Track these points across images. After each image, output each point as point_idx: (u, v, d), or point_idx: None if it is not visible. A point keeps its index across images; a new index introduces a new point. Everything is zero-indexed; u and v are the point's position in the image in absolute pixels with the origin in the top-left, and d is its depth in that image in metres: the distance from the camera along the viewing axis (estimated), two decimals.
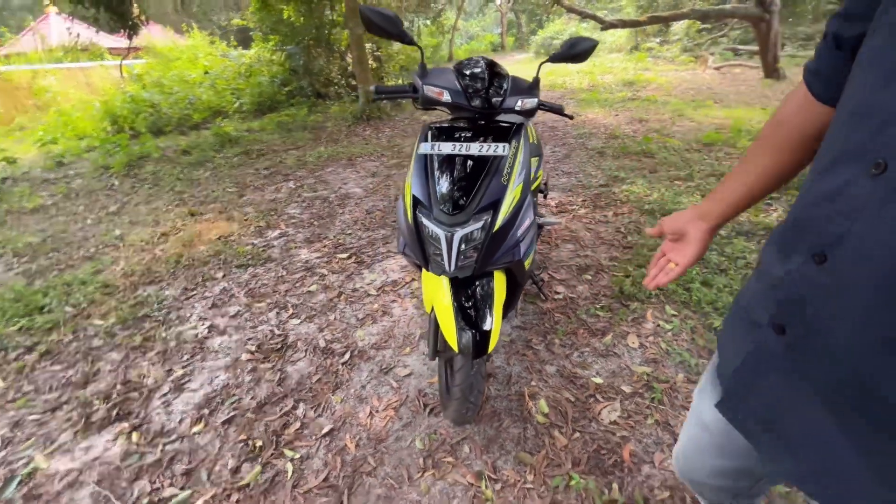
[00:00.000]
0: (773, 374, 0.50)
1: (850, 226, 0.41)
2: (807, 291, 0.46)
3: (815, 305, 0.45)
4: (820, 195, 0.46)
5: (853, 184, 0.41)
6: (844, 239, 0.41)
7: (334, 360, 1.91)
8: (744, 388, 0.55)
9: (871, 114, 0.41)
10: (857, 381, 0.41)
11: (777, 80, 7.49)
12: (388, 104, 7.07)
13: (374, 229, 3.14)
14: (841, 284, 0.42)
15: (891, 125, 0.38)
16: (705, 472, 0.77)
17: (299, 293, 2.42)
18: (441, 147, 1.35)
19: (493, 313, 1.30)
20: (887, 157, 0.38)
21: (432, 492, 1.34)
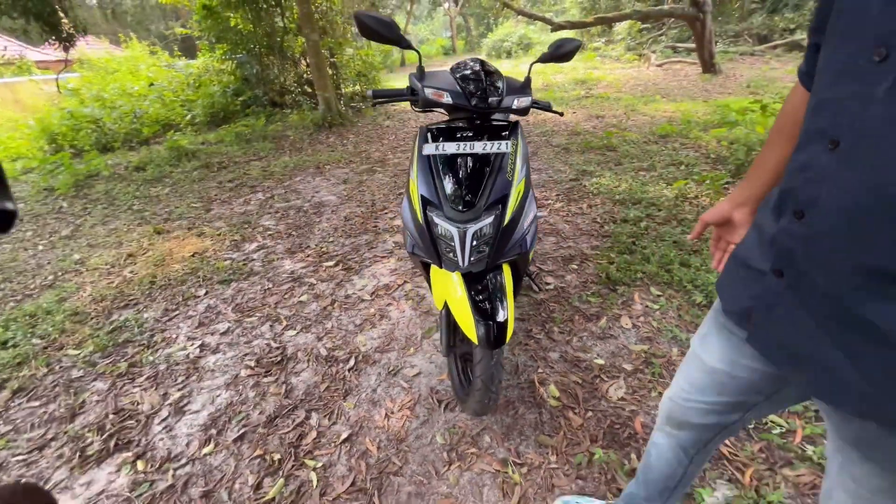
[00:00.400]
0: (781, 308, 0.61)
1: (817, 190, 0.53)
2: (793, 243, 0.58)
3: (801, 253, 0.57)
4: (796, 168, 0.59)
5: (816, 158, 0.54)
6: (814, 200, 0.54)
7: (339, 367, 1.90)
8: (764, 323, 0.65)
9: (826, 105, 0.53)
10: (839, 306, 0.53)
11: (714, 74, 8.07)
12: (351, 111, 7.00)
13: (357, 235, 3.13)
14: (815, 235, 0.54)
15: (839, 114, 0.51)
16: (701, 411, 0.85)
17: (290, 304, 2.37)
18: (445, 147, 1.39)
19: (507, 304, 1.35)
20: (839, 136, 0.50)
21: (461, 483, 1.37)
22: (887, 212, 0.46)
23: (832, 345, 0.54)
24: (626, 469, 1.34)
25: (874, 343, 0.50)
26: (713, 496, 1.23)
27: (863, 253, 0.49)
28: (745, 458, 1.32)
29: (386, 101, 1.54)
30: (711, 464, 1.32)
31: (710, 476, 1.29)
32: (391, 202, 3.69)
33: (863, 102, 0.48)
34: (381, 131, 6.41)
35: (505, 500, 1.30)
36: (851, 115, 0.49)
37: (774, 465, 1.29)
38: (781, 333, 0.62)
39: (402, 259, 2.74)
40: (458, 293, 1.37)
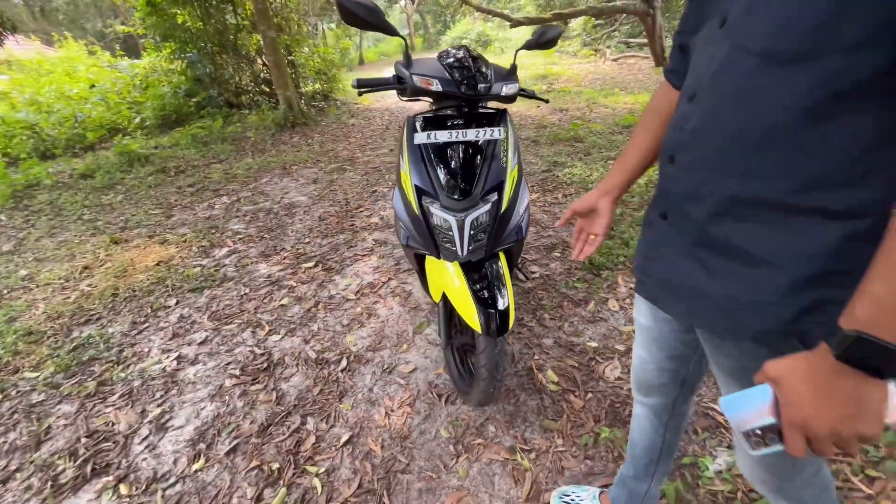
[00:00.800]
0: (665, 248, 0.68)
1: (681, 135, 0.63)
2: (670, 184, 0.66)
3: (674, 192, 0.65)
4: (671, 122, 0.68)
5: (681, 110, 0.64)
6: (679, 144, 0.64)
7: (331, 369, 1.83)
8: (649, 267, 0.73)
9: (693, 69, 0.65)
10: (705, 232, 0.60)
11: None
12: (313, 110, 6.81)
13: (334, 235, 3.04)
14: (682, 173, 0.63)
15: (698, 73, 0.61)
16: (656, 371, 0.90)
17: (271, 308, 2.27)
18: (437, 135, 1.36)
19: (507, 291, 1.34)
20: (696, 90, 0.61)
21: (472, 474, 1.35)
22: (726, 145, 0.56)
23: (701, 269, 0.61)
24: None
25: (730, 260, 0.58)
26: (715, 463, 1.27)
27: (715, 181, 0.58)
28: None
29: (372, 89, 1.50)
30: (710, 433, 1.37)
31: (710, 444, 1.34)
32: (365, 200, 3.62)
33: (711, 60, 0.57)
34: (347, 130, 6.27)
35: (517, 488, 1.30)
36: (704, 71, 0.59)
37: None
38: (664, 270, 0.69)
39: (385, 256, 2.69)
40: (457, 283, 1.35)
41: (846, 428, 0.44)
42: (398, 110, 7.45)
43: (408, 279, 2.42)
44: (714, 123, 0.57)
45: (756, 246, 0.55)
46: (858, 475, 1.19)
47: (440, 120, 1.46)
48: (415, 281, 2.39)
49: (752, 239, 0.55)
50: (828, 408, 0.44)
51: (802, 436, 0.46)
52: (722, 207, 0.57)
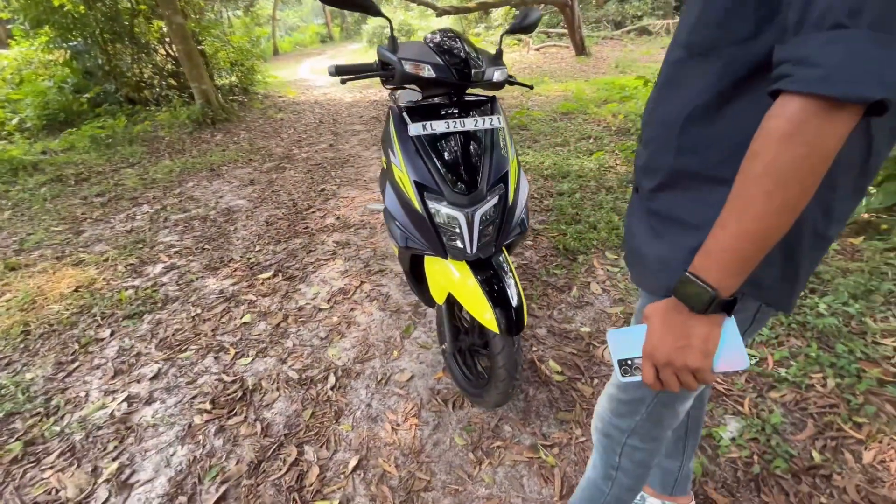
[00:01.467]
0: (632, 217, 0.73)
1: (645, 115, 0.68)
2: (637, 159, 0.72)
3: (638, 166, 0.70)
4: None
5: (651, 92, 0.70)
6: (643, 123, 0.69)
7: (318, 388, 1.67)
8: (627, 237, 0.76)
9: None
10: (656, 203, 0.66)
11: (587, 56, 8.88)
12: (235, 105, 6.23)
13: (287, 240, 2.79)
14: (641, 149, 0.69)
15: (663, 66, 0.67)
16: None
17: (232, 328, 2.03)
18: (434, 126, 1.26)
19: (517, 287, 1.29)
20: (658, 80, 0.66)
21: (498, 479, 1.30)
22: (666, 123, 0.61)
23: (650, 235, 0.67)
24: None
25: (671, 226, 0.63)
26: (727, 431, 1.34)
27: (661, 156, 0.63)
28: (738, 391, 1.46)
29: (354, 77, 1.35)
30: (715, 403, 1.44)
31: (717, 414, 1.41)
32: (314, 200, 3.37)
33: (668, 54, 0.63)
34: (277, 125, 5.83)
35: (548, 486, 1.27)
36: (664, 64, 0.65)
37: (762, 391, 1.46)
38: (630, 238, 0.73)
39: (350, 259, 2.51)
40: (469, 282, 1.27)
41: (678, 358, 0.53)
42: (328, 103, 7.08)
43: (382, 281, 2.28)
44: (659, 105, 0.64)
45: (691, 214, 0.60)
46: (847, 423, 1.32)
47: (429, 109, 1.35)
48: (390, 283, 2.26)
49: (689, 208, 0.61)
50: (666, 340, 0.53)
51: (651, 365, 0.56)
52: (667, 179, 0.63)
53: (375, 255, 2.52)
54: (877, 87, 0.38)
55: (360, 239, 2.73)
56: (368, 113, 6.06)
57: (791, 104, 0.42)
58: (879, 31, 0.38)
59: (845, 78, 0.39)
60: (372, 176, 3.75)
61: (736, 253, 0.48)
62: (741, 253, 0.48)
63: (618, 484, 0.87)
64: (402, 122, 1.34)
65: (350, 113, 6.21)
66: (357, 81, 9.33)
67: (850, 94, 0.39)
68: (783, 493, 1.16)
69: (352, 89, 8.14)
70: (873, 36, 0.38)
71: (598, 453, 0.89)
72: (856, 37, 0.38)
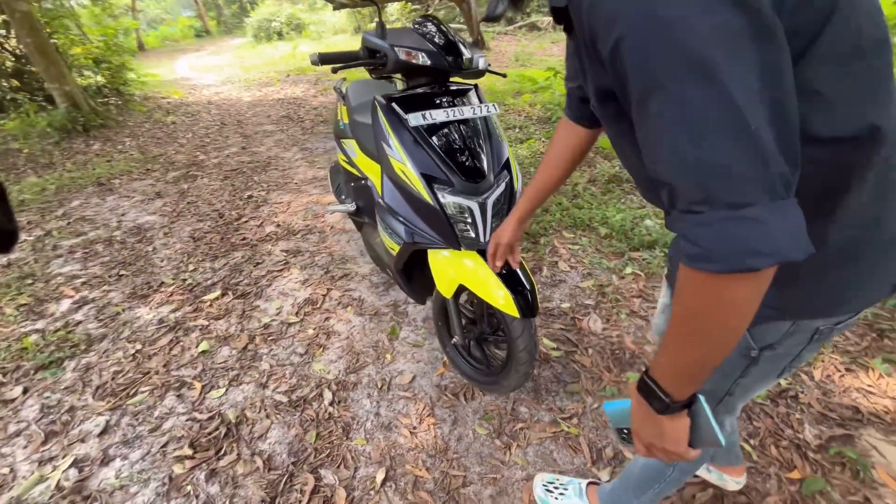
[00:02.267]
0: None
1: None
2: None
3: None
4: None
5: None
6: None
7: (315, 407, 1.54)
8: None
9: None
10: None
11: (487, 50, 9.23)
12: (112, 108, 5.34)
13: (224, 255, 2.50)
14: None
15: None
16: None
17: (189, 360, 1.77)
18: (434, 115, 1.23)
19: (527, 270, 1.33)
20: None
21: (531, 459, 1.32)
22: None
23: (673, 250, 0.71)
24: None
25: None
26: None
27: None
28: None
29: (343, 66, 1.25)
30: None
31: None
32: (243, 209, 3.06)
33: None
34: (170, 130, 5.15)
35: (578, 455, 1.33)
36: None
37: None
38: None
39: (307, 267, 2.34)
40: (482, 271, 1.27)
41: (657, 443, 0.57)
42: (225, 103, 6.43)
43: (350, 285, 2.16)
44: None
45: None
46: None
47: (422, 99, 1.31)
48: (359, 286, 2.15)
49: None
50: (644, 427, 0.58)
51: (638, 438, 0.60)
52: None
53: (334, 260, 2.38)
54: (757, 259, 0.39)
55: (310, 245, 2.54)
56: (276, 112, 5.64)
57: (687, 270, 0.44)
58: (737, 208, 0.39)
59: (724, 255, 0.40)
60: (302, 178, 3.52)
61: (680, 372, 0.52)
62: (684, 372, 0.52)
63: (679, 469, 0.90)
64: (394, 113, 1.29)
65: (255, 113, 5.72)
66: (250, 78, 8.59)
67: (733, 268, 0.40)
68: (769, 417, 1.36)
69: (249, 88, 7.49)
70: (736, 213, 0.39)
71: None
72: (718, 217, 0.40)
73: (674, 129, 0.40)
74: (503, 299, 1.24)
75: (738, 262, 0.40)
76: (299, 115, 5.36)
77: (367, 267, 2.28)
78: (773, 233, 0.39)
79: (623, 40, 0.40)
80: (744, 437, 1.32)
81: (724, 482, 1.17)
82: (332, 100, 6.03)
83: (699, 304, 0.45)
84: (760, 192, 0.38)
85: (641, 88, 0.41)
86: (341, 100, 2.13)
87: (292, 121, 5.19)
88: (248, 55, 12.13)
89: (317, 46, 11.39)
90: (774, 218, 0.39)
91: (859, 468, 1.20)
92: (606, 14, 0.41)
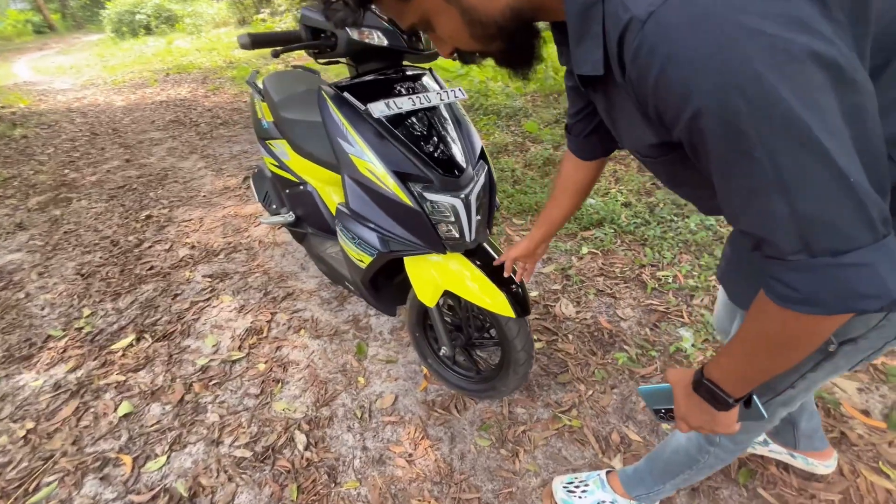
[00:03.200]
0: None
1: None
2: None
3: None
4: None
5: None
6: None
7: (288, 455, 1.32)
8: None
9: None
10: None
11: None
12: None
13: (129, 291, 2.08)
14: None
15: None
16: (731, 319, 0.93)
17: (107, 429, 1.42)
18: (398, 104, 1.07)
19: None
20: None
21: (541, 461, 1.25)
22: None
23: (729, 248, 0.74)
24: (629, 359, 1.53)
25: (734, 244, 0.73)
26: (686, 341, 1.57)
27: None
28: (674, 307, 1.73)
29: (284, 50, 1.03)
30: (666, 322, 1.68)
31: (671, 330, 1.64)
32: (144, 232, 2.59)
33: None
34: (21, 146, 4.21)
35: (586, 447, 1.29)
36: None
37: (687, 300, 1.76)
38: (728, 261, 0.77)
39: (241, 291, 2.03)
40: (468, 273, 1.17)
41: (706, 426, 0.61)
42: (91, 110, 5.46)
43: (297, 305, 1.91)
44: None
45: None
46: None
47: (378, 86, 1.15)
48: (308, 304, 1.91)
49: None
50: (694, 413, 0.62)
51: (683, 422, 0.64)
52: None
53: (271, 279, 2.09)
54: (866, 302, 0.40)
55: (238, 265, 2.21)
56: (162, 116, 4.91)
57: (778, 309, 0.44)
58: (841, 254, 0.39)
59: (829, 301, 0.41)
60: (211, 189, 3.07)
61: (747, 379, 0.55)
62: (751, 380, 0.55)
63: (714, 456, 0.87)
64: (348, 105, 1.10)
65: (134, 119, 4.92)
66: (119, 79, 7.40)
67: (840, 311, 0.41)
68: None
69: (121, 90, 6.44)
70: (840, 260, 0.39)
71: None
72: (820, 264, 0.40)
73: (767, 190, 0.39)
74: (496, 301, 1.14)
75: (845, 306, 0.41)
76: (192, 119, 4.72)
77: (313, 282, 2.04)
78: (880, 274, 0.39)
79: (702, 114, 0.39)
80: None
81: (813, 466, 1.13)
82: (227, 99, 5.42)
83: (785, 335, 0.47)
84: (864, 235, 0.38)
85: (726, 154, 0.40)
86: (258, 95, 1.85)
87: (184, 125, 4.54)
88: (111, 53, 10.46)
89: (197, 42, 10.20)
90: (880, 258, 0.39)
91: (830, 406, 1.31)
92: (679, 89, 0.39)
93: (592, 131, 0.82)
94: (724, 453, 0.86)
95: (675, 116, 0.41)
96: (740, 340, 0.52)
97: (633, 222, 2.19)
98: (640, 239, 2.10)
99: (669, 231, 2.11)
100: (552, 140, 3.17)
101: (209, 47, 9.21)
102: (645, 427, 1.32)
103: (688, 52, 0.37)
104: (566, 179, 0.95)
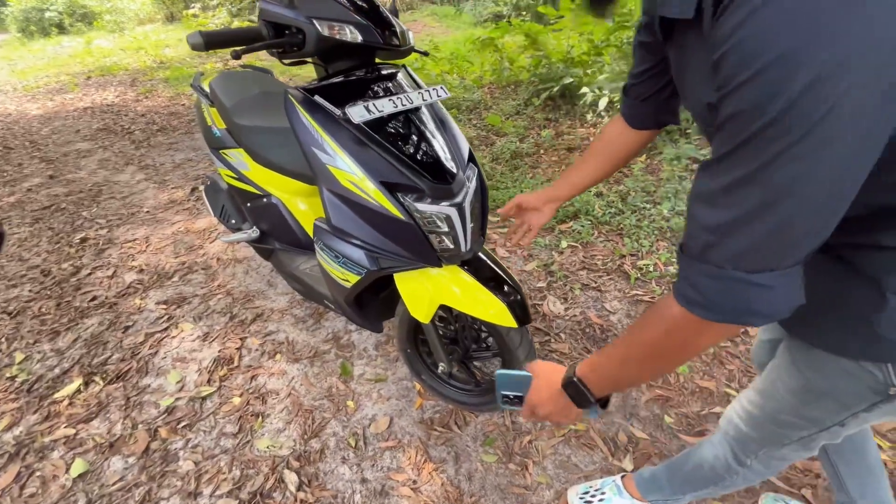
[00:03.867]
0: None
1: None
2: None
3: None
4: None
5: None
6: None
7: (279, 498, 1.19)
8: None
9: None
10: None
11: None
12: None
13: (69, 327, 1.84)
14: None
15: None
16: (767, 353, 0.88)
17: (59, 493, 1.23)
18: (379, 107, 0.97)
19: (508, 272, 1.19)
20: None
21: (551, 472, 1.21)
22: None
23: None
24: None
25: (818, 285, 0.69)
26: None
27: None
28: None
29: (246, 50, 0.90)
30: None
31: None
32: (80, 258, 2.31)
33: None
34: None
35: (595, 452, 1.25)
36: None
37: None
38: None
39: (204, 316, 1.84)
40: (465, 284, 1.10)
41: (552, 418, 0.66)
42: (0, 122, 4.85)
43: (269, 327, 1.76)
44: None
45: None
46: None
47: (351, 87, 1.04)
48: (280, 325, 1.77)
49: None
50: (547, 405, 0.65)
51: (530, 410, 0.67)
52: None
53: (236, 300, 1.92)
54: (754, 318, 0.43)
55: (197, 288, 2.02)
56: (88, 125, 4.44)
57: (676, 308, 0.47)
58: (756, 272, 0.40)
59: (724, 310, 0.43)
60: (155, 204, 2.80)
61: (618, 384, 0.60)
62: (621, 385, 0.61)
63: (743, 477, 0.84)
64: (321, 110, 0.99)
65: (54, 129, 4.42)
66: (31, 85, 6.64)
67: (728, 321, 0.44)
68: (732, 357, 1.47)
69: (35, 97, 5.77)
70: (751, 277, 0.40)
71: (725, 448, 0.83)
72: (734, 277, 0.41)
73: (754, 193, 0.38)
74: (496, 311, 1.08)
75: (736, 318, 0.43)
76: (123, 126, 4.30)
77: (284, 299, 1.89)
78: (778, 298, 0.41)
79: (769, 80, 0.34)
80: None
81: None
82: (162, 103, 4.99)
83: (673, 340, 0.49)
84: (790, 263, 0.40)
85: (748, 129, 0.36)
86: (206, 100, 1.66)
87: (115, 133, 4.13)
88: (19, 56, 9.38)
89: (121, 40, 9.37)
90: (784, 283, 0.40)
91: None
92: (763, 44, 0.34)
93: (651, 97, 0.78)
94: (752, 475, 0.84)
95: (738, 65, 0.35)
96: (622, 343, 0.55)
97: (607, 212, 2.20)
98: (617, 229, 2.10)
99: (644, 219, 2.12)
100: (516, 132, 3.14)
101: (135, 46, 8.48)
102: (649, 424, 1.31)
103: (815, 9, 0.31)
104: (607, 143, 0.90)
